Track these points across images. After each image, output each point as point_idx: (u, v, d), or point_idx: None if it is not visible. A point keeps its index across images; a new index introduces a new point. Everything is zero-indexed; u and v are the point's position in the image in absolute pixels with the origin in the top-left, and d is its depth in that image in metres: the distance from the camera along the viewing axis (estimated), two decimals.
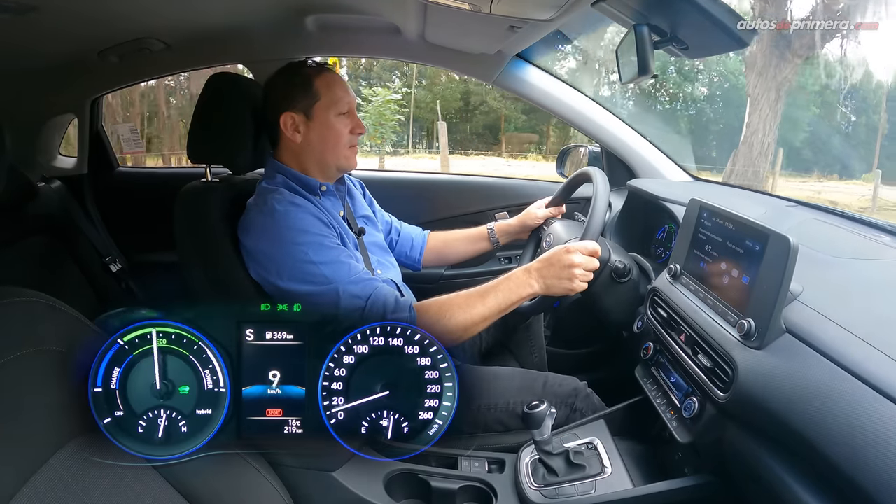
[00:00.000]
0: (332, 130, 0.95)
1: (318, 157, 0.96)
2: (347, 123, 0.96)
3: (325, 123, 0.94)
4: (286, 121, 0.93)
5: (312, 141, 0.95)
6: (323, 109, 0.94)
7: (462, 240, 1.23)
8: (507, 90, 1.47)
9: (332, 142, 0.95)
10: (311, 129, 0.94)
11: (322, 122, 0.94)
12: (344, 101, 0.95)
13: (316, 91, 0.93)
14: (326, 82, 0.94)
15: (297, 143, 0.94)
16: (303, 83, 0.93)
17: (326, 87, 0.94)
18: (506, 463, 0.82)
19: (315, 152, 0.95)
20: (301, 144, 0.95)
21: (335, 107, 0.94)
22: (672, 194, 1.09)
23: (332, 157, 0.96)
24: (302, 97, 0.93)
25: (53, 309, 0.56)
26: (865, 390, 0.48)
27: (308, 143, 0.95)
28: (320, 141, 0.95)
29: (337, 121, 0.95)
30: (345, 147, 0.97)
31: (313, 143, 0.95)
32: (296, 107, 0.93)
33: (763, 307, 0.60)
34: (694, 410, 0.69)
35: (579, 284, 0.85)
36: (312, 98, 0.93)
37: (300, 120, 0.94)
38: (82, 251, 1.53)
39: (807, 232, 0.87)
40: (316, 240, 0.85)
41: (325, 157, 0.96)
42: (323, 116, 0.94)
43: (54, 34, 1.14)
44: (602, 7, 0.89)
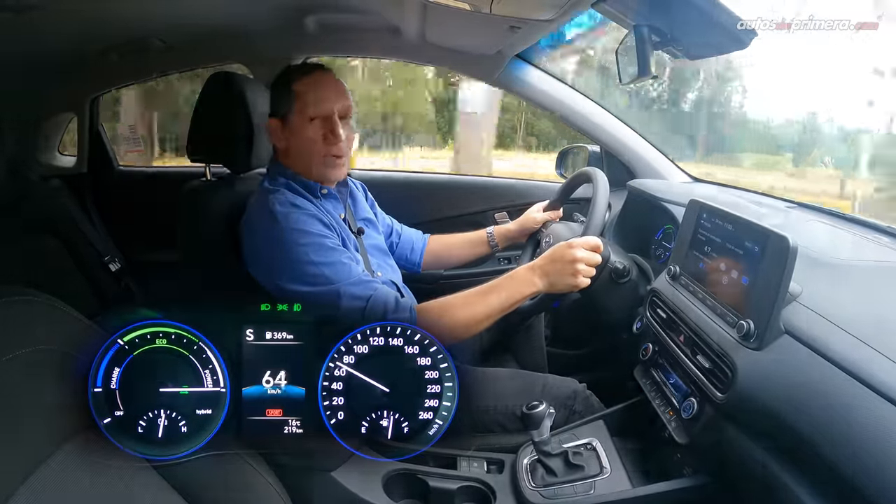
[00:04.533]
0: (301, 138, 0.90)
1: (298, 163, 0.93)
2: (319, 131, 0.90)
3: (297, 130, 0.90)
4: (269, 127, 0.92)
5: (291, 148, 0.92)
6: (296, 114, 0.89)
7: (462, 244, 1.23)
8: (507, 90, 1.47)
9: (305, 150, 0.91)
10: (288, 136, 0.91)
11: (294, 128, 0.90)
12: (321, 106, 0.89)
13: (293, 95, 0.89)
14: (306, 85, 0.90)
15: (282, 148, 0.93)
16: (282, 87, 0.91)
17: (304, 91, 0.89)
18: (505, 463, 0.82)
19: (295, 159, 0.92)
20: (285, 150, 0.93)
21: (304, 113, 0.89)
22: (672, 195, 1.09)
23: (309, 166, 0.92)
24: (280, 102, 0.91)
25: (53, 308, 0.56)
26: (864, 391, 0.48)
27: (288, 150, 0.92)
28: (296, 149, 0.91)
29: (307, 128, 0.89)
30: (318, 157, 0.91)
31: (292, 150, 0.92)
32: (277, 112, 0.91)
33: (762, 308, 0.60)
34: (693, 411, 0.69)
35: (582, 280, 0.85)
36: (289, 102, 0.90)
37: (278, 125, 0.91)
38: (82, 250, 1.53)
39: (806, 233, 0.87)
40: (317, 241, 0.85)
41: (304, 165, 0.92)
42: (296, 122, 0.90)
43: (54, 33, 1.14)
44: (602, 7, 0.89)
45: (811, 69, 1.56)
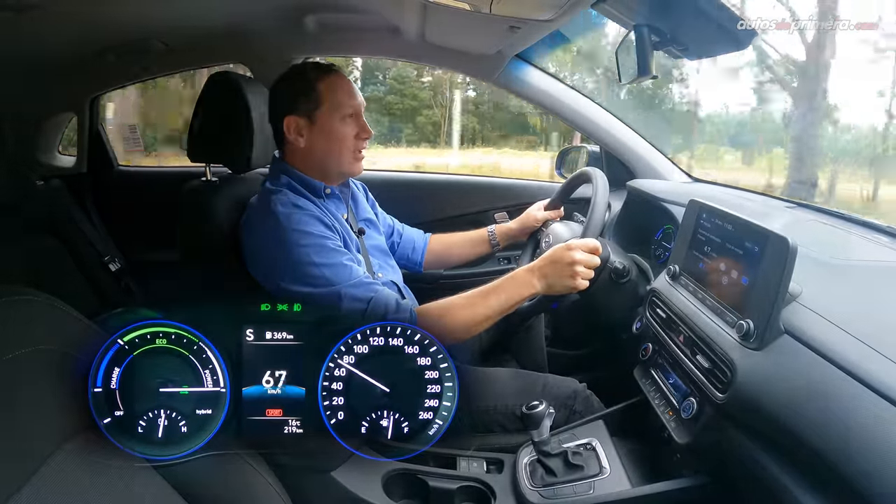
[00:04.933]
0: (334, 135, 0.93)
1: (320, 161, 0.95)
2: (353, 128, 0.94)
3: (328, 128, 0.93)
4: (289, 125, 0.92)
5: (315, 146, 0.93)
6: (326, 114, 0.92)
7: (463, 243, 1.24)
8: (507, 90, 1.47)
9: (336, 147, 0.94)
10: (313, 133, 0.93)
11: (325, 126, 0.93)
12: (348, 105, 0.93)
13: (319, 95, 0.92)
14: (330, 86, 0.93)
15: (300, 147, 0.94)
16: (306, 87, 0.92)
17: (330, 91, 0.92)
18: (504, 463, 0.82)
19: (318, 157, 0.94)
20: (304, 149, 0.94)
21: (338, 111, 0.92)
22: (671, 195, 1.09)
23: (335, 163, 0.95)
24: (304, 101, 0.92)
25: (53, 308, 0.56)
26: (864, 391, 0.48)
27: (311, 148, 0.94)
28: (323, 146, 0.93)
29: (341, 125, 0.93)
30: (349, 152, 0.95)
31: (316, 147, 0.94)
32: (299, 110, 0.92)
33: (762, 308, 0.60)
34: (692, 411, 0.69)
35: (581, 282, 0.85)
36: (315, 102, 0.92)
37: (303, 124, 0.92)
38: (81, 250, 1.53)
39: (806, 233, 0.87)
40: (318, 242, 0.85)
41: (327, 161, 0.95)
42: (326, 121, 0.92)
43: (55, 33, 1.14)
44: (602, 8, 0.89)
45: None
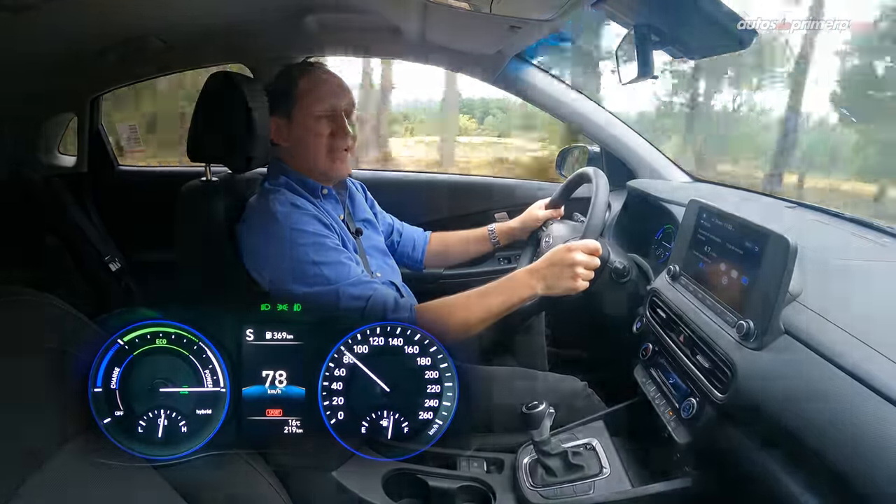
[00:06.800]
0: (307, 134, 0.90)
1: (302, 161, 0.93)
2: (327, 127, 0.91)
3: (303, 127, 0.90)
4: (272, 125, 0.92)
5: (296, 145, 0.92)
6: (301, 112, 0.90)
7: (463, 241, 1.23)
8: (507, 90, 1.47)
9: (311, 147, 0.91)
10: (291, 132, 0.91)
11: (300, 125, 0.90)
12: (326, 103, 0.90)
13: (297, 92, 0.90)
14: (310, 82, 0.90)
15: (286, 146, 0.93)
16: (285, 85, 0.91)
17: (308, 88, 0.90)
18: (504, 463, 0.82)
19: (299, 156, 0.92)
20: (288, 148, 0.93)
21: (313, 108, 0.90)
22: (672, 195, 1.09)
23: (312, 163, 0.92)
24: (283, 100, 0.91)
25: (53, 308, 0.56)
26: (864, 392, 0.48)
27: (292, 147, 0.92)
28: (299, 145, 0.91)
29: (315, 124, 0.90)
30: (323, 152, 0.91)
31: (295, 147, 0.92)
32: (279, 110, 0.91)
33: (762, 308, 0.60)
34: (692, 411, 0.69)
35: (581, 283, 0.85)
36: (293, 100, 0.90)
37: (282, 123, 0.91)
38: (82, 250, 1.53)
39: (806, 233, 0.87)
40: (317, 240, 0.85)
41: (306, 161, 0.93)
42: (301, 119, 0.90)
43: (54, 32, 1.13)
44: (602, 7, 0.89)
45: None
